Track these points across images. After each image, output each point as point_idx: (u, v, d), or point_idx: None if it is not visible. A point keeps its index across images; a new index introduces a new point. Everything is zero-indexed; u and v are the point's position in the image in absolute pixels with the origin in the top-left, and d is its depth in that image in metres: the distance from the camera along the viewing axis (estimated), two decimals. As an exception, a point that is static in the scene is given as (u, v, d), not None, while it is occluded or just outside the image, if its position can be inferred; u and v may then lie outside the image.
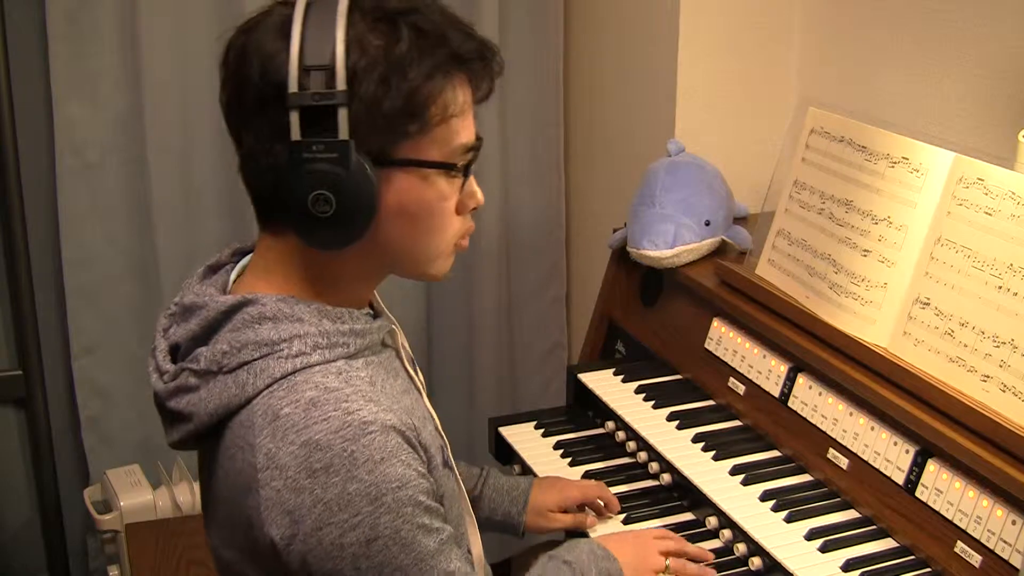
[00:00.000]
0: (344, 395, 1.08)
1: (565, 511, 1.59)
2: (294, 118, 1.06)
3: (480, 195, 1.21)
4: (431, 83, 1.09)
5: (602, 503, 1.60)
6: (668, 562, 1.43)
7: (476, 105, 1.17)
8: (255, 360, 1.10)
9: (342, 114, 1.05)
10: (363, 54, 1.06)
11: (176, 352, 1.19)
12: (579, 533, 1.57)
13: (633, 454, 1.74)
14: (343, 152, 1.06)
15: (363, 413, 1.07)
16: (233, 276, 1.23)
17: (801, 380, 1.63)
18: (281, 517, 1.06)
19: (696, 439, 1.68)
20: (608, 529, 1.57)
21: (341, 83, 1.05)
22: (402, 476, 1.08)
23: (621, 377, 1.88)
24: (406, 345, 1.28)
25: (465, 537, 1.27)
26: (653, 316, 1.97)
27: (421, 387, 1.27)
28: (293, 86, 1.05)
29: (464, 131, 1.15)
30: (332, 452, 1.05)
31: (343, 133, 1.05)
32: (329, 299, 1.17)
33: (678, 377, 1.87)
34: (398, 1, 1.10)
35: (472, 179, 1.19)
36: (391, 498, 1.07)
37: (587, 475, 1.70)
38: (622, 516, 1.59)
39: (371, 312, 1.25)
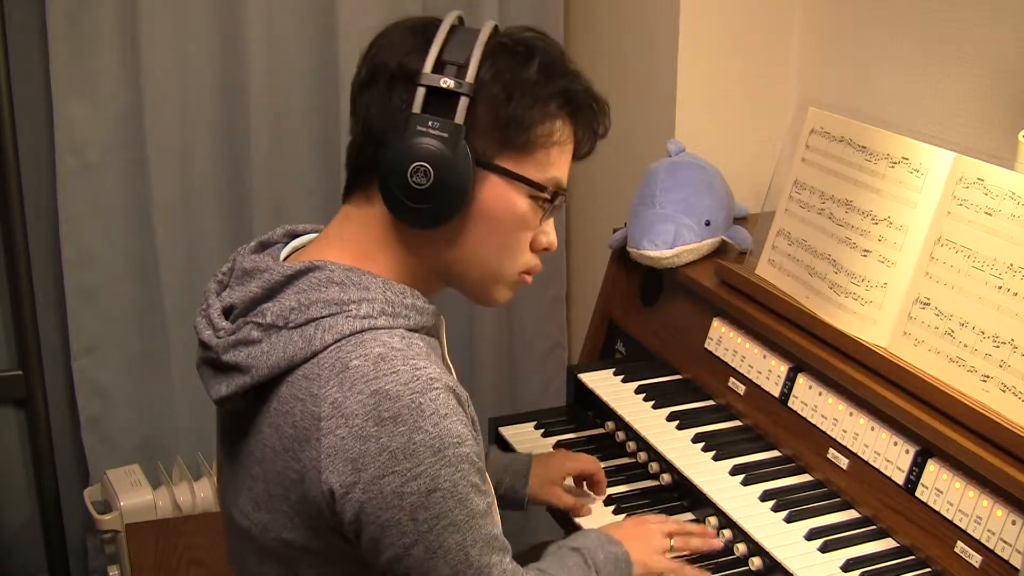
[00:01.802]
0: (410, 354, 1.13)
1: (565, 483, 1.63)
2: (419, 94, 1.14)
3: (554, 239, 1.28)
4: (545, 108, 1.19)
5: (595, 481, 1.64)
6: (672, 542, 1.46)
7: (575, 160, 1.25)
8: (323, 317, 1.14)
9: (462, 103, 1.14)
10: (494, 65, 1.17)
11: (228, 314, 1.22)
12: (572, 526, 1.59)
13: (633, 454, 1.74)
14: (454, 135, 1.14)
15: (429, 371, 1.12)
16: (283, 254, 1.27)
17: (801, 380, 1.63)
18: (343, 465, 1.09)
19: (696, 439, 1.68)
20: (603, 522, 1.57)
21: (470, 78, 1.15)
22: (461, 434, 1.12)
23: (621, 377, 1.88)
24: (445, 341, 1.31)
25: None
26: (653, 316, 1.97)
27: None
28: (427, 69, 1.15)
29: (560, 167, 1.23)
30: (401, 402, 1.09)
31: (459, 119, 1.14)
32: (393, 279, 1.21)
33: (678, 377, 1.87)
34: (537, 39, 1.22)
35: (551, 221, 1.27)
36: (452, 452, 1.11)
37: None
38: (622, 516, 1.59)
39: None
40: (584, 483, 1.66)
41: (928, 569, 1.37)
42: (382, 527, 1.11)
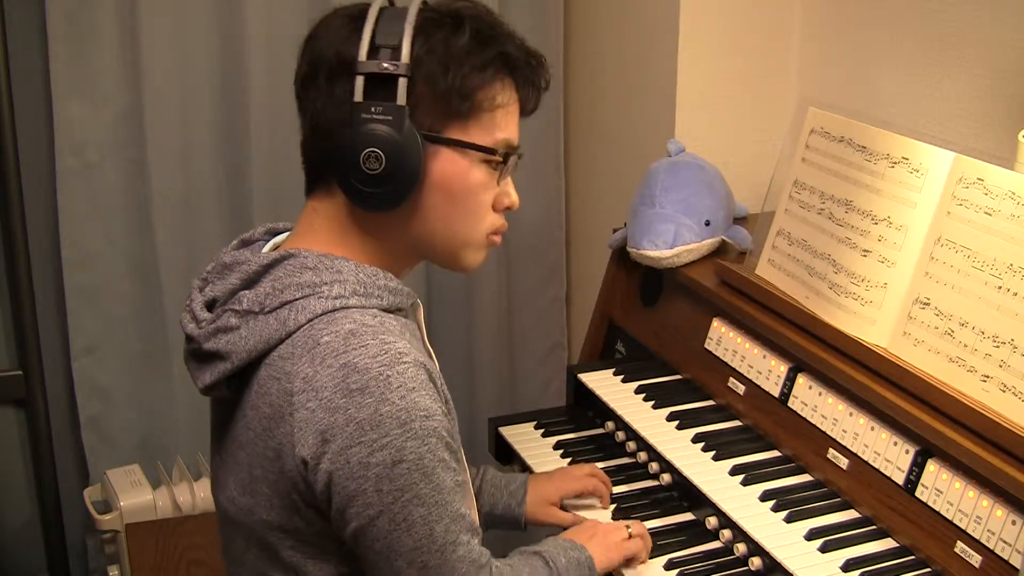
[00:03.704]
0: (380, 330, 1.15)
1: (564, 502, 1.62)
2: (359, 82, 1.17)
3: (515, 196, 1.31)
4: (483, 74, 1.21)
5: (601, 490, 1.63)
6: (630, 529, 1.48)
7: (523, 117, 1.27)
8: (297, 300, 1.17)
9: (401, 83, 1.17)
10: (427, 40, 1.19)
11: (212, 308, 1.24)
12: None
13: (633, 454, 1.74)
14: (398, 117, 1.17)
15: (398, 345, 1.15)
16: (264, 251, 1.29)
17: (801, 380, 1.63)
18: (314, 436, 1.12)
19: (696, 439, 1.68)
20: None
21: (405, 58, 1.17)
22: (429, 408, 1.14)
23: (621, 377, 1.88)
24: (423, 326, 1.33)
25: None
26: (653, 316, 1.97)
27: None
28: (363, 56, 1.17)
29: (507, 127, 1.25)
30: (369, 375, 1.12)
31: (400, 100, 1.17)
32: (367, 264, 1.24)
33: (678, 377, 1.87)
34: (466, 7, 1.24)
35: (509, 180, 1.29)
36: (419, 425, 1.13)
37: (587, 475, 1.70)
38: (621, 517, 1.59)
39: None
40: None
41: (928, 569, 1.37)
42: (348, 497, 1.12)
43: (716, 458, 1.63)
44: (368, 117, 1.16)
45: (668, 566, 1.47)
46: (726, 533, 1.51)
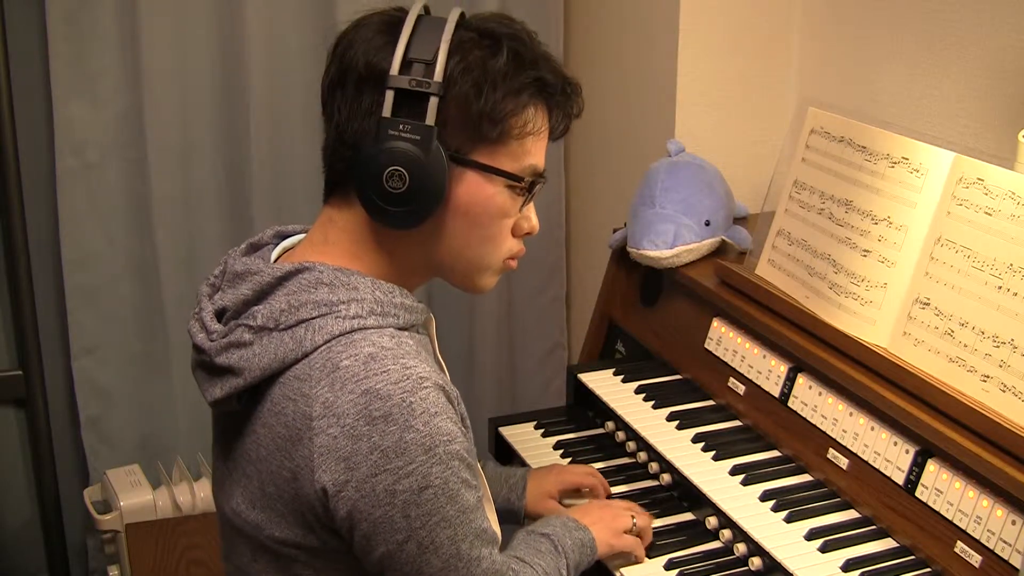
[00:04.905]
0: (399, 353, 1.14)
1: (563, 496, 1.62)
2: (388, 97, 1.14)
3: (536, 222, 1.29)
4: (517, 99, 1.18)
5: (599, 490, 1.64)
6: (635, 521, 1.49)
7: (551, 141, 1.25)
8: (314, 318, 1.15)
9: (432, 103, 1.13)
10: (463, 59, 1.15)
11: (221, 316, 1.22)
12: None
13: (633, 454, 1.74)
14: (426, 136, 1.14)
15: (419, 369, 1.13)
16: (274, 256, 1.28)
17: (801, 380, 1.63)
18: (336, 463, 1.11)
19: (696, 439, 1.68)
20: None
21: (438, 77, 1.14)
22: (451, 431, 1.14)
23: (621, 377, 1.88)
24: (435, 339, 1.32)
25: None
26: (653, 316, 1.97)
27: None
28: (394, 70, 1.14)
29: (536, 154, 1.23)
30: (392, 402, 1.10)
31: (430, 120, 1.14)
32: (380, 279, 1.22)
33: (678, 377, 1.87)
34: (504, 27, 1.21)
35: (531, 205, 1.27)
36: (443, 450, 1.12)
37: (587, 475, 1.70)
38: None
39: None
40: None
41: (928, 569, 1.37)
42: (374, 524, 1.12)
43: (716, 458, 1.63)
44: (395, 134, 1.13)
45: (668, 566, 1.47)
46: (726, 533, 1.51)
